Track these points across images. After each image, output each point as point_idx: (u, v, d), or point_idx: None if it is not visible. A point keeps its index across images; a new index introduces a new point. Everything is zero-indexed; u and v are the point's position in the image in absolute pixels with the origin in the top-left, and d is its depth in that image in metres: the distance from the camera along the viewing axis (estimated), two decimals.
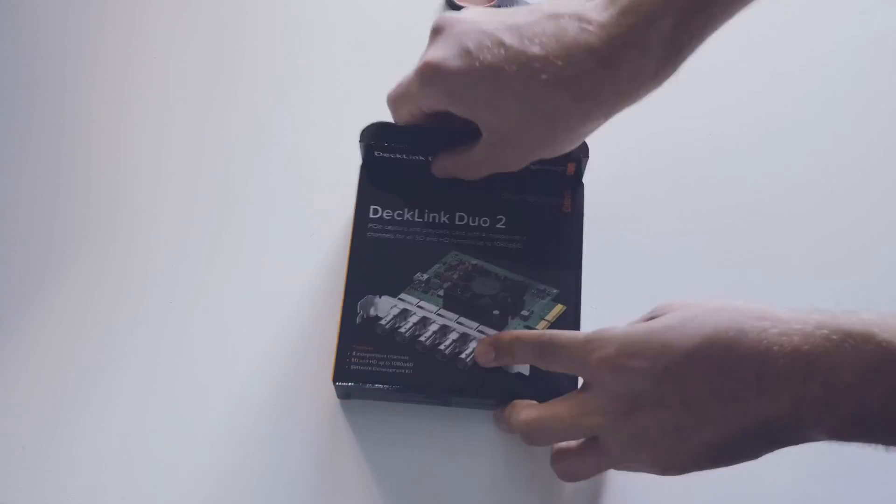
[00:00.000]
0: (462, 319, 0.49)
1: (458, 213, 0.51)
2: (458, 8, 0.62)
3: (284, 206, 0.56)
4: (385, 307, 0.49)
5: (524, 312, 0.49)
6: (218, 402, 0.51)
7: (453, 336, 0.48)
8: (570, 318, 0.49)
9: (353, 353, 0.48)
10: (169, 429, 0.50)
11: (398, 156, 0.51)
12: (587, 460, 0.43)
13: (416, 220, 0.51)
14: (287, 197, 0.57)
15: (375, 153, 0.51)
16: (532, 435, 0.44)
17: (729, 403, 0.37)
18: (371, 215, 0.52)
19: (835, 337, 0.36)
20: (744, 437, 0.38)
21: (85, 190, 0.57)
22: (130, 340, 0.52)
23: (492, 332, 0.49)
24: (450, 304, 0.49)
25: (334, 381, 0.48)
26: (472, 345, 0.48)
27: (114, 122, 0.59)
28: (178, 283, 0.54)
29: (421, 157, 0.51)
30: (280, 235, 0.56)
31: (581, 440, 0.44)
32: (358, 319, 0.49)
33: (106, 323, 0.53)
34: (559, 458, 0.44)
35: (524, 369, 0.48)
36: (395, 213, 0.51)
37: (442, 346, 0.48)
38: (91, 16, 0.63)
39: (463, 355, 0.48)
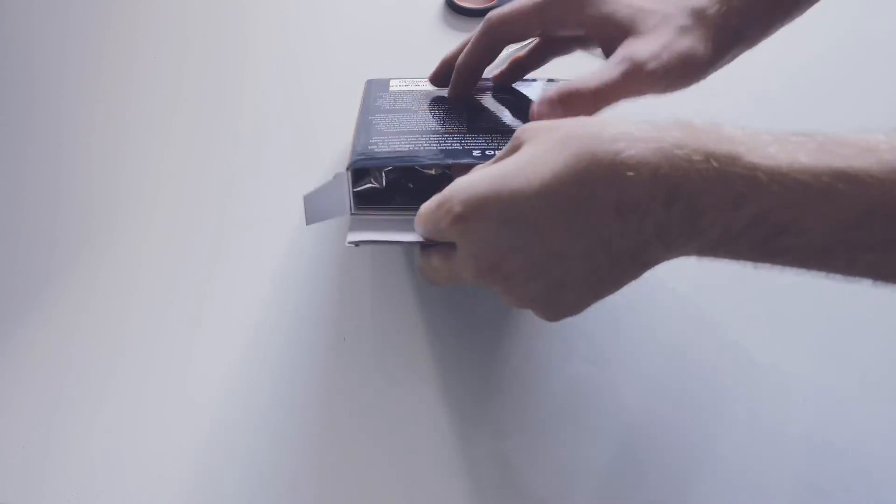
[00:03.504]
0: None
1: None
2: (458, 8, 0.62)
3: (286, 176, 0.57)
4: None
5: None
6: (210, 399, 0.51)
7: None
8: None
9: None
10: (167, 428, 0.50)
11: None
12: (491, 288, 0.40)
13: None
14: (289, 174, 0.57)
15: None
16: (426, 279, 0.44)
17: (591, 237, 0.35)
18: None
19: (696, 157, 0.33)
20: (616, 266, 0.36)
21: (85, 190, 0.57)
22: (130, 339, 0.52)
23: None
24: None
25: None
26: None
27: (114, 121, 0.59)
28: (177, 283, 0.54)
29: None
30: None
31: None
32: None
33: (106, 321, 0.53)
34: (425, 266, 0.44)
35: None
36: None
37: None
38: (91, 15, 0.64)
39: None
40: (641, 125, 0.35)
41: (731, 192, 0.33)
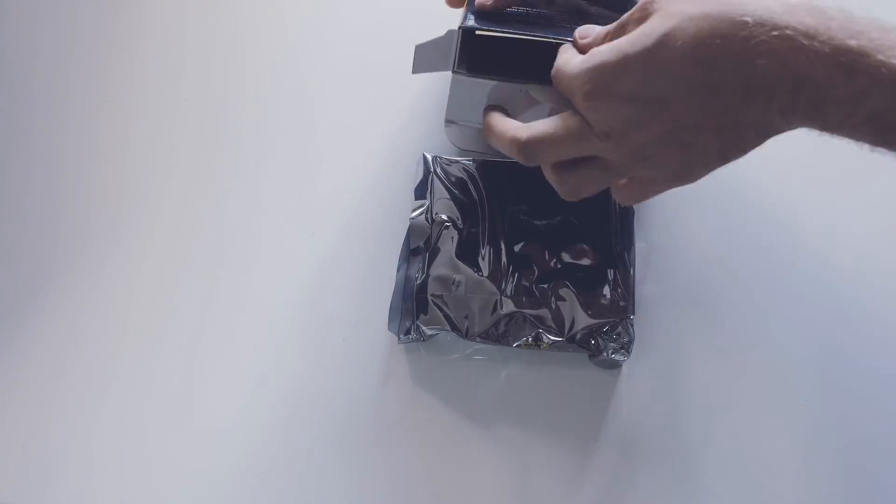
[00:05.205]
0: None
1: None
2: None
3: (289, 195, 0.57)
4: None
5: None
6: (210, 400, 0.51)
7: None
8: None
9: None
10: (167, 429, 0.50)
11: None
12: (591, 175, 0.42)
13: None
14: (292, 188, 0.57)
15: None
16: (527, 154, 0.43)
17: (720, 115, 0.37)
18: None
19: (825, 50, 0.35)
20: (741, 137, 0.38)
21: (87, 190, 0.57)
22: (131, 340, 0.52)
23: None
24: None
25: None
26: None
27: (115, 121, 0.59)
28: (177, 284, 0.54)
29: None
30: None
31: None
32: None
33: (106, 322, 0.53)
34: (560, 173, 0.43)
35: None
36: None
37: None
38: (93, 16, 0.64)
39: None
40: (771, 3, 0.36)
41: (853, 88, 0.34)
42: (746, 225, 0.55)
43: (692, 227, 0.54)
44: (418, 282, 0.49)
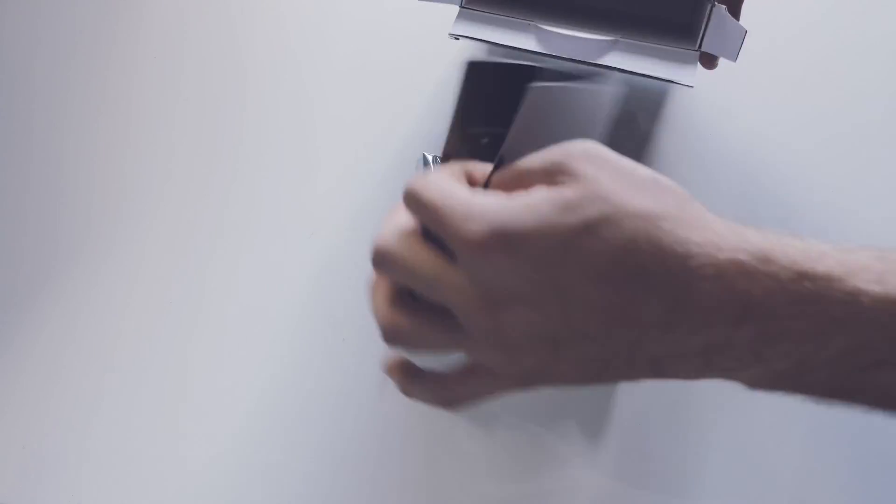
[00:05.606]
0: None
1: None
2: None
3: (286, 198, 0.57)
4: None
5: None
6: (210, 400, 0.51)
7: None
8: None
9: None
10: (167, 428, 0.50)
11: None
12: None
13: None
14: (289, 190, 0.57)
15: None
16: (379, 266, 0.34)
17: (623, 332, 0.29)
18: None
19: (786, 276, 0.28)
20: (631, 366, 0.30)
21: (86, 191, 0.57)
22: (129, 340, 0.52)
23: None
24: None
25: None
26: None
27: (115, 121, 0.59)
28: (176, 284, 0.54)
29: None
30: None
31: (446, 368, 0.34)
32: None
33: (105, 322, 0.53)
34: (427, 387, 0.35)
35: None
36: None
37: None
38: (93, 16, 0.64)
39: None
40: (718, 226, 0.29)
41: (825, 318, 0.28)
42: (747, 222, 0.55)
43: None
44: None
